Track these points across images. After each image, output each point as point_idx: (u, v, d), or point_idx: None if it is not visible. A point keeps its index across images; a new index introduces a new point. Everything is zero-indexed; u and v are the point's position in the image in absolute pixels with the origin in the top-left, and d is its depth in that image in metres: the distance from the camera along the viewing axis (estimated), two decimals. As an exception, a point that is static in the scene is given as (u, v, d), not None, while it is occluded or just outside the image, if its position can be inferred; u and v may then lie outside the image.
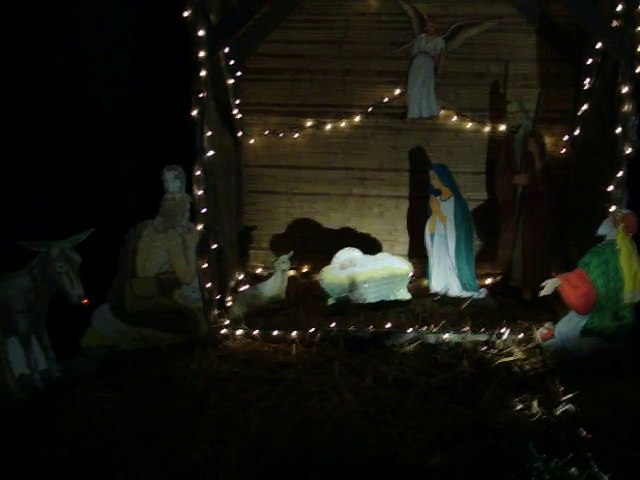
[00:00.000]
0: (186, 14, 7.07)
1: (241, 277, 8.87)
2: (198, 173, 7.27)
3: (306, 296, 8.35)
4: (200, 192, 7.28)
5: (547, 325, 7.12)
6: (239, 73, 8.95)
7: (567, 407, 5.64)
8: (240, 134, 9.13)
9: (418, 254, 8.80)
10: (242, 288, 8.43)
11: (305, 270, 9.26)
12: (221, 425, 5.45)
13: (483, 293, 8.29)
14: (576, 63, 8.55)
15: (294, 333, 7.20)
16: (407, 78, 8.92)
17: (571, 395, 5.78)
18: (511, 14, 8.90)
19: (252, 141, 9.36)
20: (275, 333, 7.24)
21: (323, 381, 6.23)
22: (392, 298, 8.02)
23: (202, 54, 7.19)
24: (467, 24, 8.98)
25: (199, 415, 5.61)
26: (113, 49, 9.53)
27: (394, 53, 9.06)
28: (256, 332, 7.27)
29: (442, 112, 9.04)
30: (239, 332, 7.29)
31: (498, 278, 8.89)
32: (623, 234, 6.76)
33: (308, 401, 5.85)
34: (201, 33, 7.14)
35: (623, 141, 7.11)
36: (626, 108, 7.06)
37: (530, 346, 6.93)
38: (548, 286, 6.93)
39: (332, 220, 9.47)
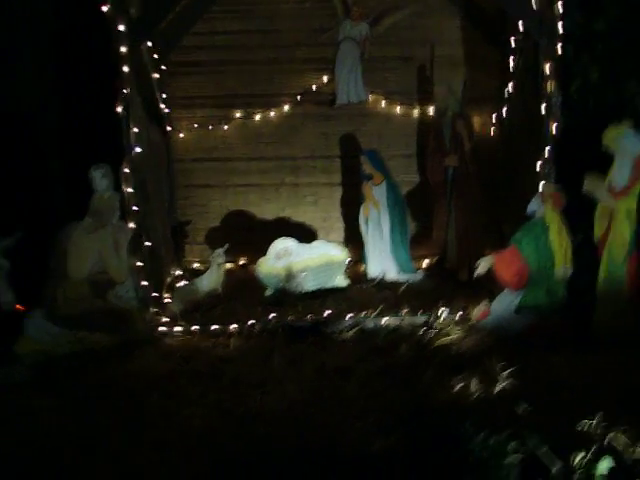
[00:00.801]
0: (105, 8, 6.95)
1: (177, 273, 8.79)
2: (126, 170, 7.18)
3: (244, 288, 8.29)
4: (129, 189, 7.19)
5: (483, 304, 7.19)
6: (164, 67, 8.82)
7: (504, 384, 5.73)
8: (169, 129, 9.02)
9: (354, 240, 8.82)
10: (179, 284, 8.35)
11: (242, 262, 9.22)
12: (163, 425, 5.38)
13: (420, 275, 8.37)
14: (501, 44, 8.64)
15: (233, 326, 7.16)
16: (334, 65, 8.91)
17: (508, 372, 5.87)
18: (435, -3, 8.96)
19: (181, 135, 9.28)
20: (213, 327, 7.19)
21: (264, 373, 6.20)
22: (330, 285, 8.03)
23: (123, 49, 7.08)
24: (391, 8, 8.99)
25: (141, 416, 5.54)
26: (33, 47, 9.30)
27: (320, 40, 9.03)
28: (194, 328, 7.21)
29: (370, 97, 9.06)
30: (177, 329, 7.22)
31: (434, 260, 8.96)
32: (552, 210, 6.87)
33: (249, 394, 5.81)
34: (121, 28, 7.03)
35: (548, 119, 7.22)
36: (549, 87, 7.17)
37: (467, 326, 7.01)
38: (482, 265, 7.01)
39: (266, 210, 9.45)
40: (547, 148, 7.25)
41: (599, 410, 5.12)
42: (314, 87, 9.15)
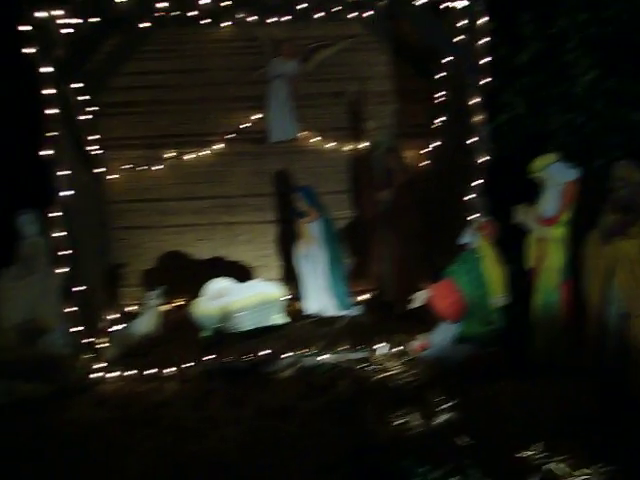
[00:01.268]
0: (31, 50, 6.86)
1: (113, 317, 8.61)
2: (56, 214, 7.05)
3: (180, 330, 8.11)
4: (60, 234, 7.05)
5: (421, 337, 7.21)
6: (95, 108, 8.71)
7: (446, 416, 5.73)
8: (100, 170, 8.89)
9: (291, 277, 8.77)
10: (113, 328, 8.17)
11: (178, 303, 9.05)
12: (100, 475, 5.25)
13: (358, 310, 8.34)
14: (429, 77, 8.73)
15: (170, 370, 7.04)
16: (265, 102, 8.92)
17: (449, 404, 5.87)
18: (362, 34, 9.04)
19: (114, 176, 9.13)
20: (150, 372, 7.05)
21: (202, 417, 6.11)
22: (267, 324, 7.93)
23: (50, 91, 6.98)
24: (321, 45, 9.06)
25: (77, 467, 5.39)
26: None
27: (250, 78, 9.03)
28: (130, 373, 7.06)
29: (302, 134, 9.07)
30: (113, 374, 7.06)
31: (371, 294, 8.94)
32: (485, 241, 6.96)
33: (188, 439, 5.73)
34: (48, 69, 6.94)
35: (477, 151, 7.33)
36: (477, 119, 7.30)
37: (406, 359, 7.00)
38: (418, 298, 7.05)
39: (201, 250, 9.33)
40: (477, 180, 7.35)
41: (540, 439, 5.18)
42: (246, 125, 9.13)
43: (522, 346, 6.85)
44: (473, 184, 7.37)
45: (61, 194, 7.10)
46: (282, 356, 7.16)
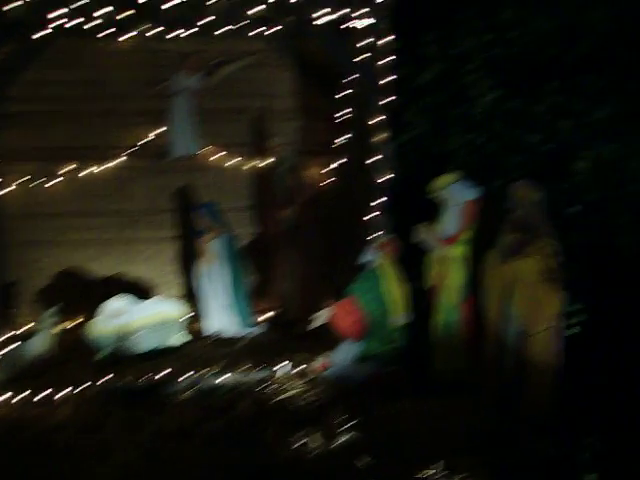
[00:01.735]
0: None
1: (4, 337, 8.30)
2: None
3: (77, 350, 7.83)
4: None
5: (323, 356, 7.19)
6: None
7: (347, 436, 5.71)
8: (-6, 184, 8.58)
9: (192, 295, 8.65)
10: (6, 349, 7.88)
11: (75, 323, 8.78)
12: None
13: (260, 329, 8.28)
14: (332, 95, 8.76)
15: (65, 392, 6.81)
16: (167, 117, 8.78)
17: (350, 424, 5.86)
18: (267, 50, 9.00)
19: (9, 190, 8.82)
20: (44, 394, 6.79)
21: (99, 441, 5.91)
22: (167, 344, 7.78)
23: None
24: (225, 61, 8.99)
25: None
26: None
27: (153, 92, 8.87)
28: (22, 395, 6.80)
29: (205, 149, 8.97)
30: (3, 397, 6.79)
31: (274, 313, 8.88)
32: (386, 259, 7.00)
33: (83, 465, 5.54)
34: None
35: (380, 169, 7.39)
36: (380, 137, 7.35)
37: (308, 379, 6.96)
38: (320, 317, 7.05)
39: (102, 267, 9.08)
40: (380, 198, 7.40)
41: (440, 458, 5.22)
42: (147, 140, 8.97)
43: (423, 365, 6.92)
44: (375, 202, 7.43)
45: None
46: (181, 377, 7.03)
